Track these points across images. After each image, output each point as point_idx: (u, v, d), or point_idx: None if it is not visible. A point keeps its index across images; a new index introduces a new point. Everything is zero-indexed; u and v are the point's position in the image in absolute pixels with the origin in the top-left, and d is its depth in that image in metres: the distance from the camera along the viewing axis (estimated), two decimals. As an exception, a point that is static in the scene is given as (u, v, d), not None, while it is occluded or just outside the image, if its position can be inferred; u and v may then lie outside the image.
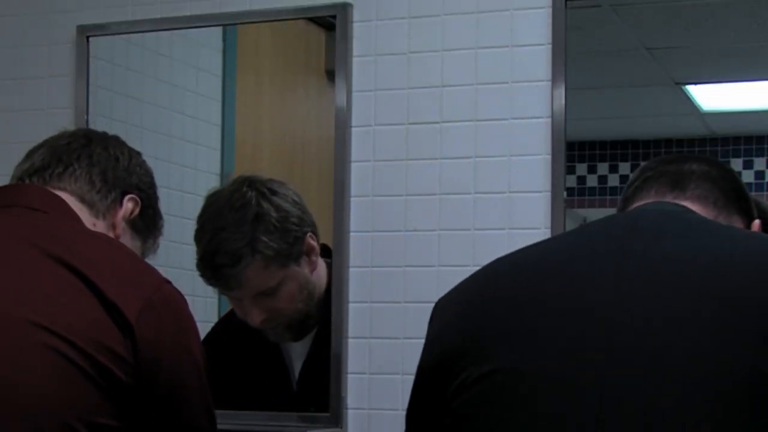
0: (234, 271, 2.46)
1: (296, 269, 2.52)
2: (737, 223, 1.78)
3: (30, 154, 1.96)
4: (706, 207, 1.74)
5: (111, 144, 1.98)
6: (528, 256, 1.63)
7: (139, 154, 2.03)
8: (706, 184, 1.77)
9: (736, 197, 1.79)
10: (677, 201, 1.73)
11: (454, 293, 1.65)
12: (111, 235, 1.92)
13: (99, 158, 1.94)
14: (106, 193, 1.92)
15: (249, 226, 2.47)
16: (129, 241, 1.96)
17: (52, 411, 1.58)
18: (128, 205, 1.95)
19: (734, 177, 1.83)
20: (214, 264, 2.48)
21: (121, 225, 1.94)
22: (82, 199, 1.89)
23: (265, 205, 2.50)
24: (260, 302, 2.50)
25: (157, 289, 1.71)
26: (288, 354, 2.64)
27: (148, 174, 2.03)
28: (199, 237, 2.53)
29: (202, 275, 2.52)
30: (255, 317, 2.51)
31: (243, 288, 2.49)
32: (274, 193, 2.52)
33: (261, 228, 2.47)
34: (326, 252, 2.62)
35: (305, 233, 2.53)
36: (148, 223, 2.01)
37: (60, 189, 1.88)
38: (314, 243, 2.55)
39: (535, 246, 1.70)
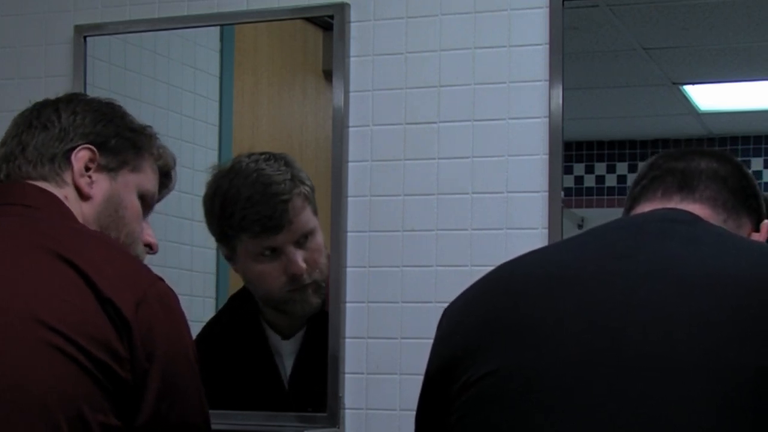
0: (289, 198, 2.58)
1: (318, 223, 2.62)
2: (746, 224, 1.77)
3: None
4: (714, 210, 1.72)
5: (42, 115, 1.91)
6: (533, 260, 1.63)
7: (71, 100, 1.94)
8: (715, 184, 1.74)
9: (745, 196, 1.77)
10: (685, 203, 1.71)
11: (461, 298, 1.65)
12: (83, 195, 1.87)
13: (26, 139, 1.89)
14: (50, 163, 1.87)
15: (284, 165, 2.62)
16: (106, 184, 1.89)
17: (63, 405, 1.58)
18: (78, 160, 1.88)
19: (744, 173, 1.80)
20: (268, 194, 2.58)
21: (85, 180, 1.87)
22: (44, 178, 1.86)
23: (282, 157, 2.65)
24: (300, 250, 2.59)
25: (152, 285, 1.71)
26: (278, 353, 2.66)
27: (91, 110, 1.93)
28: (231, 196, 2.62)
29: (254, 218, 2.59)
30: (300, 262, 2.59)
31: (291, 225, 2.58)
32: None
33: (295, 167, 2.63)
34: None
35: None
36: (119, 148, 1.92)
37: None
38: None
39: (540, 250, 1.70)
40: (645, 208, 1.73)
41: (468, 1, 2.59)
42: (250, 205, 2.56)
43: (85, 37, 2.87)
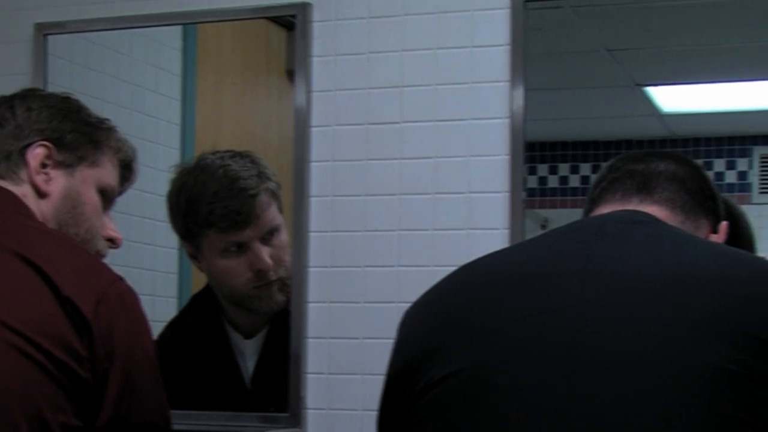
0: (256, 193, 2.58)
1: (283, 221, 2.63)
2: (704, 225, 1.78)
3: None
4: (673, 211, 1.73)
5: None
6: (493, 262, 1.63)
7: (26, 96, 1.92)
8: (673, 186, 1.75)
9: (703, 198, 1.78)
10: (644, 205, 1.72)
11: (421, 300, 1.65)
12: (40, 193, 1.86)
13: None
14: (6, 161, 1.86)
15: (250, 162, 2.62)
16: (64, 180, 1.88)
17: (23, 405, 1.57)
18: (34, 158, 1.86)
19: (702, 176, 1.81)
20: (235, 189, 2.57)
21: (42, 178, 1.86)
22: (0, 176, 1.85)
23: (248, 155, 2.66)
24: (266, 247, 2.59)
25: (111, 284, 1.70)
26: (240, 352, 2.65)
27: (46, 106, 1.92)
28: (197, 192, 2.61)
29: (221, 212, 2.57)
30: (266, 258, 2.59)
31: (258, 221, 2.58)
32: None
33: (261, 164, 2.63)
34: None
35: None
36: (76, 144, 1.91)
37: None
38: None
39: (499, 252, 1.70)
40: (604, 210, 1.74)
41: (430, 1, 2.59)
42: (218, 199, 2.56)
43: (45, 35, 2.85)
